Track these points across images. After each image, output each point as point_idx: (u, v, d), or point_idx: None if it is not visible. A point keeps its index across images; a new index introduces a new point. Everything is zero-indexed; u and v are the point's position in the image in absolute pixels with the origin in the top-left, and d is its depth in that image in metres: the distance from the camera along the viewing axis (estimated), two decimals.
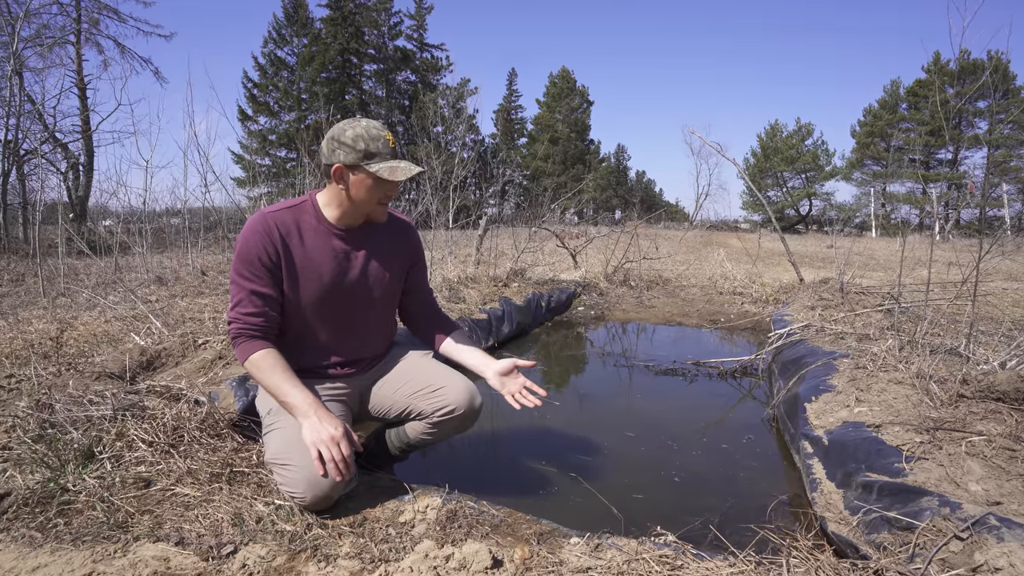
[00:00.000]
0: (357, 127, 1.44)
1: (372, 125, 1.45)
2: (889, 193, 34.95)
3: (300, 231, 1.50)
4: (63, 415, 1.63)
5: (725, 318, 4.94)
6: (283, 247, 1.47)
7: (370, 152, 1.42)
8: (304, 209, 1.53)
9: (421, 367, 1.68)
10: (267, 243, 1.45)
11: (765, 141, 39.03)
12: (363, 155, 1.42)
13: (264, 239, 1.45)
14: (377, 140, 1.43)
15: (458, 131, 10.80)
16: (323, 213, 1.53)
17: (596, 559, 1.25)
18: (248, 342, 1.46)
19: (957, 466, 1.44)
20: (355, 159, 1.42)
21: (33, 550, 1.18)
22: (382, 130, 1.45)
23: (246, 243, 1.45)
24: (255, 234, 1.45)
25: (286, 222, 1.49)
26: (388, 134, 1.46)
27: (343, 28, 30.25)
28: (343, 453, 1.35)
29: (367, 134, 1.43)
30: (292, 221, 1.50)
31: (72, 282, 4.86)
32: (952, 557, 1.14)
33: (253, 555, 1.21)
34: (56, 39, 12.46)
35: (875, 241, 19.55)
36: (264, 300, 1.47)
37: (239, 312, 1.46)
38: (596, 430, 2.43)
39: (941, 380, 1.96)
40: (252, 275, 1.46)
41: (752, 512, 1.69)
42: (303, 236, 1.50)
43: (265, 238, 1.45)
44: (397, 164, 1.45)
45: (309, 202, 1.54)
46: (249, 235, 1.45)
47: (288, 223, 1.49)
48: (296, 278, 1.49)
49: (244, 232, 1.47)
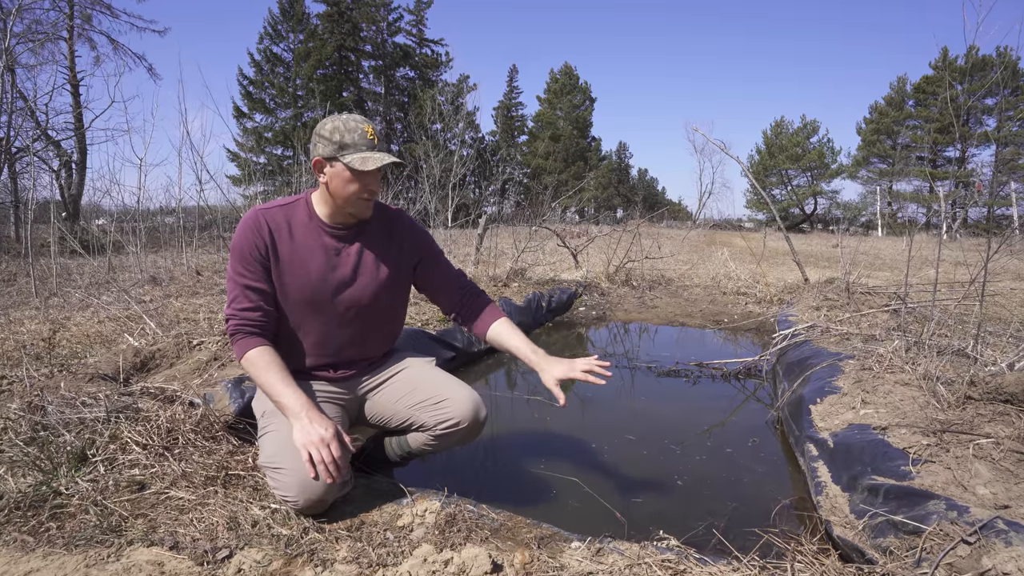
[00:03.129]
0: (337, 120, 1.45)
1: (352, 118, 1.46)
2: (895, 191, 34.69)
3: (291, 227, 1.51)
4: (55, 417, 1.61)
5: (729, 319, 4.92)
6: (271, 242, 1.47)
7: (344, 143, 1.42)
8: (297, 206, 1.54)
9: (424, 377, 1.65)
10: (257, 239, 1.46)
11: (770, 138, 38.87)
12: (338, 147, 1.42)
13: (254, 235, 1.46)
14: (353, 132, 1.43)
15: (457, 128, 10.77)
16: (315, 210, 1.54)
17: (598, 564, 1.24)
18: (245, 338, 1.45)
19: (964, 469, 1.43)
20: (332, 151, 1.43)
21: (25, 554, 1.17)
22: (361, 122, 1.45)
23: (239, 240, 1.47)
24: (247, 230, 1.46)
25: (277, 218, 1.50)
26: (368, 126, 1.45)
27: (340, 24, 30.09)
28: (333, 455, 1.33)
29: (344, 126, 1.43)
30: (283, 217, 1.51)
31: (65, 282, 4.86)
32: (960, 562, 1.12)
33: (249, 560, 1.20)
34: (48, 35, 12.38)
35: (881, 240, 19.49)
36: (260, 295, 1.47)
37: (235, 308, 1.46)
38: (597, 432, 2.41)
39: (948, 382, 1.94)
40: (246, 271, 1.46)
41: (756, 516, 1.67)
42: (293, 232, 1.51)
43: (255, 234, 1.46)
44: (370, 155, 1.43)
45: (303, 200, 1.55)
46: (241, 232, 1.47)
47: (279, 219, 1.50)
48: (283, 274, 1.49)
49: (237, 229, 1.49)
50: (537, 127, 40.55)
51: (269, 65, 29.94)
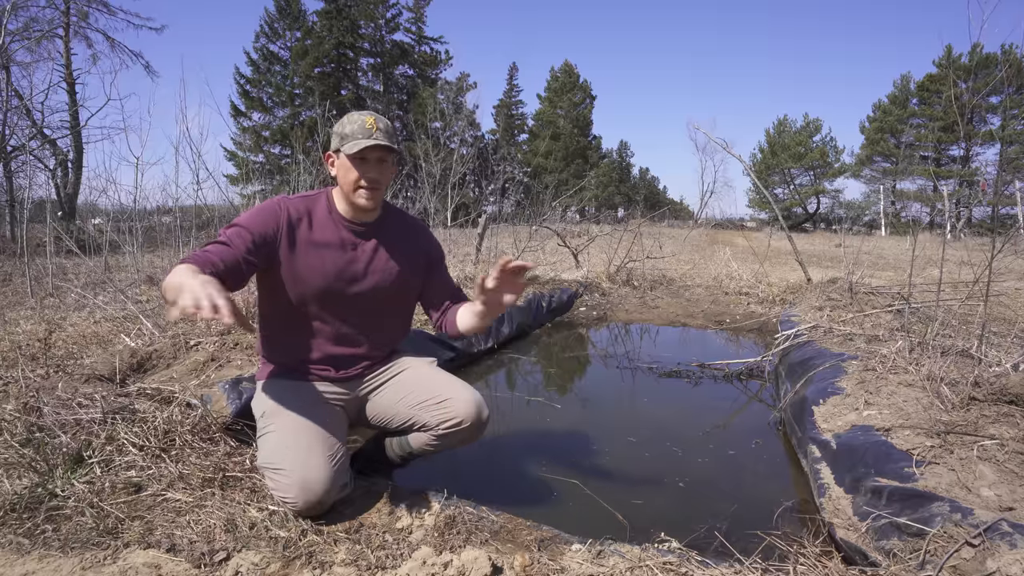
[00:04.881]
0: (346, 116, 1.51)
1: (360, 112, 1.51)
2: (899, 191, 34.54)
3: (311, 217, 1.53)
4: (51, 418, 1.61)
5: (731, 319, 4.90)
6: (288, 230, 1.48)
7: (345, 134, 1.46)
8: (318, 199, 1.57)
9: (426, 376, 1.64)
10: (271, 221, 1.46)
11: (772, 137, 38.70)
12: (340, 139, 1.47)
13: (270, 216, 1.46)
14: (354, 123, 1.47)
15: (457, 127, 10.76)
16: (335, 205, 1.57)
17: (598, 566, 1.24)
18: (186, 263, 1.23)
19: (969, 471, 1.42)
20: (336, 143, 1.49)
21: (20, 557, 1.17)
22: (366, 115, 1.49)
23: (250, 214, 1.46)
24: (264, 212, 1.47)
25: (299, 207, 1.53)
26: (370, 118, 1.48)
27: (338, 21, 29.82)
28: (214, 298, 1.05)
29: (348, 120, 1.49)
30: (304, 208, 1.53)
31: (61, 282, 4.82)
32: (964, 564, 1.12)
33: (246, 562, 1.20)
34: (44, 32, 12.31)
35: (885, 240, 19.47)
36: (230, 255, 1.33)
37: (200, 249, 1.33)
38: (598, 434, 2.39)
39: (952, 383, 1.93)
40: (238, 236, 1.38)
41: (758, 518, 1.66)
42: (312, 222, 1.53)
43: (271, 216, 1.47)
44: (362, 141, 1.44)
45: (325, 194, 1.59)
46: (257, 210, 1.48)
47: (300, 209, 1.53)
48: (298, 262, 1.49)
49: (253, 208, 1.50)
50: (537, 125, 40.47)
51: (266, 64, 29.78)
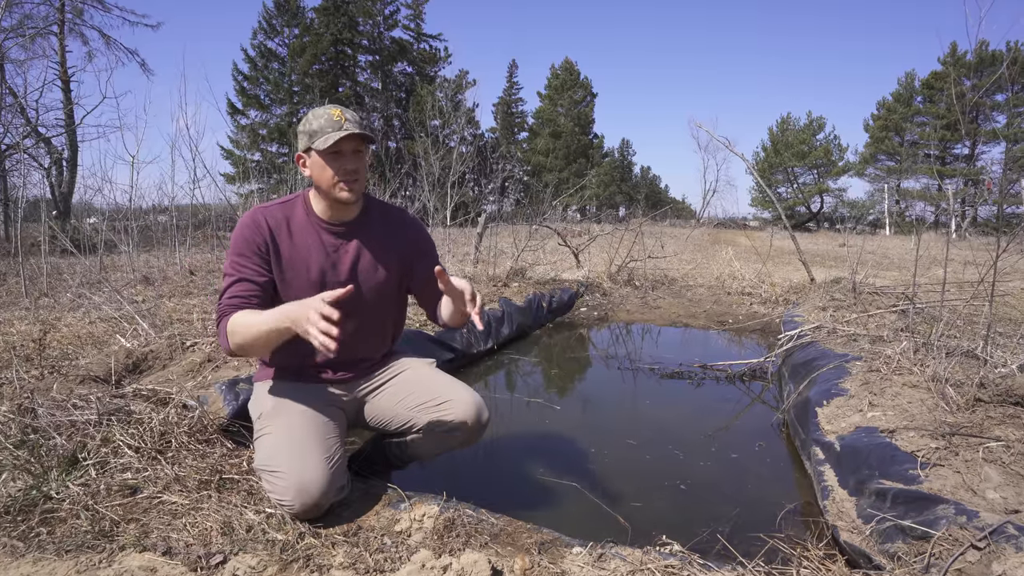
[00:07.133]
0: (309, 113, 1.47)
1: (322, 107, 1.45)
2: (903, 189, 34.31)
3: (289, 225, 1.50)
4: (46, 420, 1.60)
5: (733, 319, 4.89)
6: (272, 241, 1.47)
7: (313, 131, 1.42)
8: (295, 204, 1.54)
9: (425, 378, 1.63)
10: (257, 236, 1.46)
11: (775, 135, 38.54)
12: (309, 136, 1.43)
13: (254, 232, 1.46)
14: (320, 118, 1.43)
15: (456, 125, 10.75)
16: (312, 207, 1.54)
17: (599, 569, 1.23)
18: (225, 318, 1.37)
19: (974, 473, 1.42)
20: (306, 142, 1.44)
21: (15, 560, 1.16)
22: (330, 108, 1.45)
23: (238, 236, 1.47)
24: (247, 228, 1.46)
25: (276, 217, 1.50)
26: (335, 110, 1.44)
27: (336, 18, 29.62)
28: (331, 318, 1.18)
29: (312, 116, 1.44)
30: (282, 216, 1.51)
31: (55, 282, 4.80)
32: (969, 567, 1.11)
33: (243, 565, 1.19)
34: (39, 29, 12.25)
35: (889, 239, 19.38)
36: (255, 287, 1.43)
37: (225, 298, 1.42)
38: (600, 436, 2.38)
39: (957, 384, 1.92)
40: (243, 264, 1.44)
41: (761, 521, 1.65)
42: (292, 230, 1.50)
43: (255, 231, 1.46)
44: (333, 135, 1.40)
45: (301, 198, 1.55)
46: (241, 229, 1.47)
47: (278, 218, 1.50)
48: (284, 273, 1.48)
49: (237, 227, 1.50)
50: (538, 124, 40.39)
51: (264, 61, 29.62)
